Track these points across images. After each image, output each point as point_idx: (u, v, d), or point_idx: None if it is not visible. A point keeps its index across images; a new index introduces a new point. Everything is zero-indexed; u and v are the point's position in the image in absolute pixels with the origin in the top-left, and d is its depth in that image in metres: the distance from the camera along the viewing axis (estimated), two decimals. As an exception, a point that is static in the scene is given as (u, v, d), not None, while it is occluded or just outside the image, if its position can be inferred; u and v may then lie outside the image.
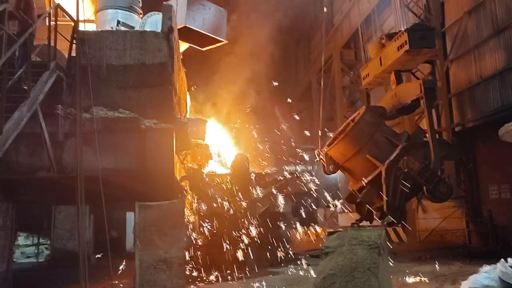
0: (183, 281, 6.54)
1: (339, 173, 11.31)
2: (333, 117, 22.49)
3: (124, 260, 9.34)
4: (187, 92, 11.76)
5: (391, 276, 7.23)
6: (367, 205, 9.06)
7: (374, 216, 9.17)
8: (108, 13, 10.43)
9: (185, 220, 10.11)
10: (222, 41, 10.89)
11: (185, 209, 10.29)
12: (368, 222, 9.22)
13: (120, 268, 8.73)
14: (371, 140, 9.44)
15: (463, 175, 13.48)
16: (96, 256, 11.14)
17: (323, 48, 14.40)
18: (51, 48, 6.50)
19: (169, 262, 6.28)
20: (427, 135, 9.42)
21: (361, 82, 13.44)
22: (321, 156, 9.67)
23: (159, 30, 7.46)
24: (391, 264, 8.81)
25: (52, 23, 6.82)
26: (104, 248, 6.87)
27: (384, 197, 8.59)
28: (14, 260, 14.99)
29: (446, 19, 14.22)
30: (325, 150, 9.63)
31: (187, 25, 9.79)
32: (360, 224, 8.98)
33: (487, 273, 6.07)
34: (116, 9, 10.37)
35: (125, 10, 10.45)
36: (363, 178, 9.06)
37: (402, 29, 11.59)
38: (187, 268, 8.86)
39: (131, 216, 12.42)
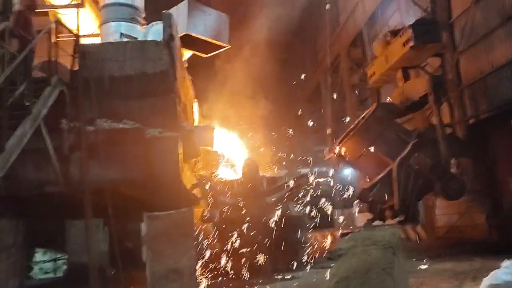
0: (195, 290, 6.47)
1: (354, 173, 11.13)
2: (344, 117, 22.26)
3: (139, 271, 9.29)
4: (195, 100, 11.74)
5: (409, 276, 7.05)
6: (379, 204, 8.90)
7: (386, 215, 8.98)
8: (111, 26, 10.45)
9: (198, 228, 10.08)
10: (224, 46, 10.83)
11: (198, 217, 10.25)
12: (381, 221, 9.03)
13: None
14: (382, 137, 9.29)
15: (480, 168, 13.16)
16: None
17: (327, 48, 14.17)
18: (53, 63, 6.51)
19: (180, 272, 6.20)
20: (437, 130, 9.25)
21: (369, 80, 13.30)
22: (331, 154, 9.52)
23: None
24: (407, 263, 8.62)
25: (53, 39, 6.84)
26: (120, 260, 6.82)
27: (395, 195, 8.41)
28: (33, 276, 15.09)
29: (453, 10, 13.96)
30: (336, 147, 9.51)
31: (188, 33, 9.76)
32: (374, 223, 8.79)
33: (508, 268, 5.84)
34: (118, 21, 10.37)
35: (128, 22, 10.45)
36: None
37: (407, 24, 11.43)
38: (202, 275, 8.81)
39: (146, 227, 12.38)
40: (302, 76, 23.01)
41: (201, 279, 8.79)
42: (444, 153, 8.86)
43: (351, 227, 16.02)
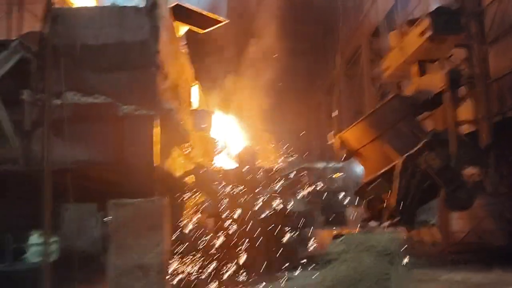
0: (163, 290, 5.69)
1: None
2: (363, 110, 21.19)
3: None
4: (196, 83, 10.96)
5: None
6: (377, 202, 7.98)
7: (383, 215, 8.04)
8: (108, -6, 9.70)
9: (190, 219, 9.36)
10: (222, 21, 9.97)
11: (189, 208, 9.53)
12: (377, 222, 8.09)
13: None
14: (393, 129, 8.36)
15: (506, 169, 12.08)
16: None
17: (338, 35, 13.03)
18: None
19: (146, 269, 5.46)
20: (449, 132, 8.22)
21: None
22: (334, 140, 8.63)
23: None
24: (411, 272, 7.70)
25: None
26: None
27: (394, 193, 7.49)
28: (25, 259, 14.72)
29: (484, -2, 12.82)
30: (341, 133, 8.63)
31: (179, 3, 8.93)
32: (370, 224, 7.89)
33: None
34: (116, -10, 9.61)
35: (126, -9, 9.68)
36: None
37: (431, 13, 10.39)
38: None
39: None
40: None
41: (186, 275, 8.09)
42: (456, 158, 7.84)
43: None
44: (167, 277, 5.74)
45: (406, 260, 6.25)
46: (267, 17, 18.86)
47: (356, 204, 18.43)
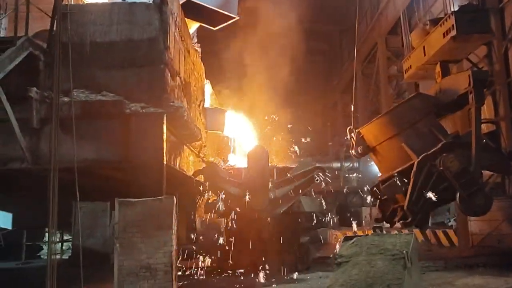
0: (170, 290, 5.59)
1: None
2: (379, 110, 20.85)
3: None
4: (207, 81, 10.84)
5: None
6: (391, 202, 7.74)
7: (396, 216, 7.79)
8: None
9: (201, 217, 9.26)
10: (233, 18, 9.82)
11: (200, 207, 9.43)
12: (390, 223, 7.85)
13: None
14: (413, 128, 8.12)
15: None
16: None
17: (356, 31, 12.70)
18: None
19: (154, 269, 5.37)
20: (472, 134, 7.90)
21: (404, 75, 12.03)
22: (352, 135, 8.42)
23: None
24: (426, 275, 7.47)
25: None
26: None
27: (409, 193, 7.25)
28: (41, 256, 14.86)
29: (505, -6, 12.46)
30: (359, 129, 8.44)
31: (190, -1, 8.82)
32: (383, 225, 7.64)
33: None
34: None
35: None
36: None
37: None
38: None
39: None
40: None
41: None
42: (476, 161, 7.57)
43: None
44: (174, 277, 5.64)
45: (420, 263, 6.04)
46: (284, 17, 18.66)
47: (371, 204, 18.23)
